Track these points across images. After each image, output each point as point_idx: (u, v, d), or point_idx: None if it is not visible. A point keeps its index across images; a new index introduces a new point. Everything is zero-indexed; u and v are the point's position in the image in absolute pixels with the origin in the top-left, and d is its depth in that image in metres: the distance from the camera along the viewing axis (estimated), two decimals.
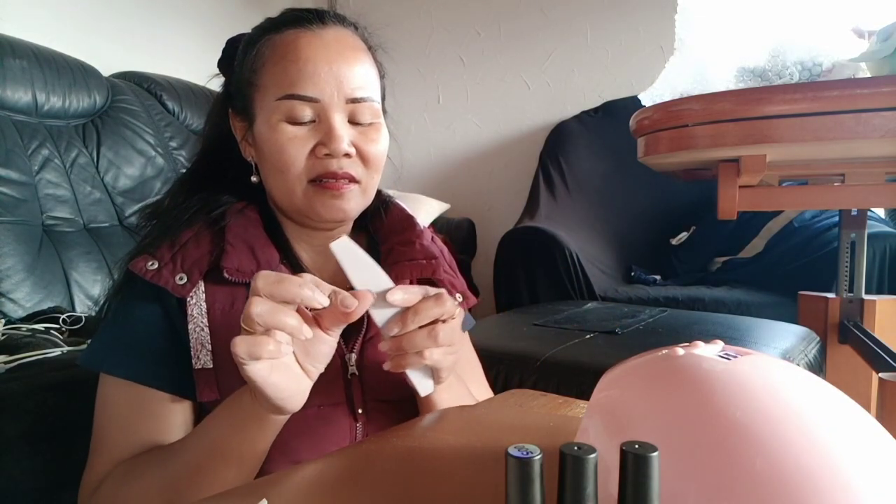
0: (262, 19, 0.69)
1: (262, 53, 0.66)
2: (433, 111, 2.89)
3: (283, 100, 0.63)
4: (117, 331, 0.64)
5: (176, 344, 0.63)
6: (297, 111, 0.63)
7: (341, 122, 0.64)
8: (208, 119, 0.76)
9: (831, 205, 1.57)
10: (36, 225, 1.43)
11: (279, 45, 0.65)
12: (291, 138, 0.64)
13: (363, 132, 0.66)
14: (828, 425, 0.34)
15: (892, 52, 0.97)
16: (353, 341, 0.68)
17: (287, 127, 0.64)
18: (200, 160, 0.74)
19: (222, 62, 0.74)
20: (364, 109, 0.66)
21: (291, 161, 0.64)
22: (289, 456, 0.62)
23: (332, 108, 0.64)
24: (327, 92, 0.63)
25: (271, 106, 0.64)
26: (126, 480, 0.59)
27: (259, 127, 0.66)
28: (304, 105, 0.63)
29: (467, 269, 2.46)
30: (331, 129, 0.63)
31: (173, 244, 0.64)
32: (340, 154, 0.64)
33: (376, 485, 0.47)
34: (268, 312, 0.47)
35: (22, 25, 1.71)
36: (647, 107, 1.13)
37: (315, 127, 0.64)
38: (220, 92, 0.75)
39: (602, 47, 2.57)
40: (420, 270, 0.71)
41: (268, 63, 0.65)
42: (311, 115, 0.64)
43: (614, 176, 2.42)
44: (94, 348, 0.66)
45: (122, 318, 0.64)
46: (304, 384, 0.53)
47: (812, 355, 1.32)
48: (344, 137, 0.64)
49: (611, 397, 0.41)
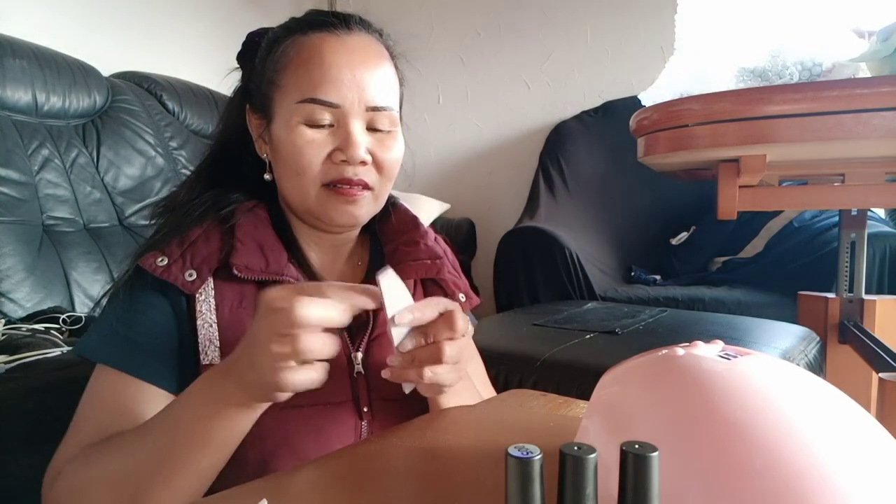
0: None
1: (286, 54, 0.66)
2: (433, 111, 2.89)
3: (304, 103, 0.64)
4: (117, 323, 0.64)
5: (176, 341, 0.63)
6: (317, 115, 0.64)
7: (360, 129, 0.65)
8: (224, 112, 0.77)
9: (831, 205, 1.57)
10: (36, 225, 1.43)
11: (304, 48, 0.65)
12: (310, 141, 0.64)
13: (380, 140, 0.67)
14: (828, 425, 0.34)
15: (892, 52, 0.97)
16: (359, 340, 0.68)
17: (306, 130, 0.64)
18: (215, 153, 0.75)
19: (242, 56, 0.74)
20: (383, 117, 0.66)
21: (308, 164, 0.64)
22: (294, 453, 0.62)
23: (352, 115, 0.64)
24: (349, 98, 0.64)
25: (292, 107, 0.64)
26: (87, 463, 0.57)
27: (277, 126, 0.66)
28: (325, 110, 0.64)
29: (467, 269, 2.46)
30: (349, 136, 0.64)
31: (183, 241, 0.64)
32: (357, 161, 0.64)
33: (377, 485, 0.47)
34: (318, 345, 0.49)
35: (22, 25, 1.71)
36: (647, 107, 1.13)
37: (333, 132, 0.65)
38: (239, 86, 0.75)
39: (602, 47, 2.57)
40: (425, 270, 0.71)
41: (291, 64, 0.65)
42: (330, 119, 0.64)
43: (614, 176, 2.42)
44: (91, 338, 0.66)
45: (123, 311, 0.64)
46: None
47: (812, 355, 1.32)
48: (361, 145, 0.64)
49: (611, 397, 0.41)
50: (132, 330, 0.63)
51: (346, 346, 0.67)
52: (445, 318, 0.55)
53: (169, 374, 0.62)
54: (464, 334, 0.56)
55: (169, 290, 0.63)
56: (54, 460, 0.61)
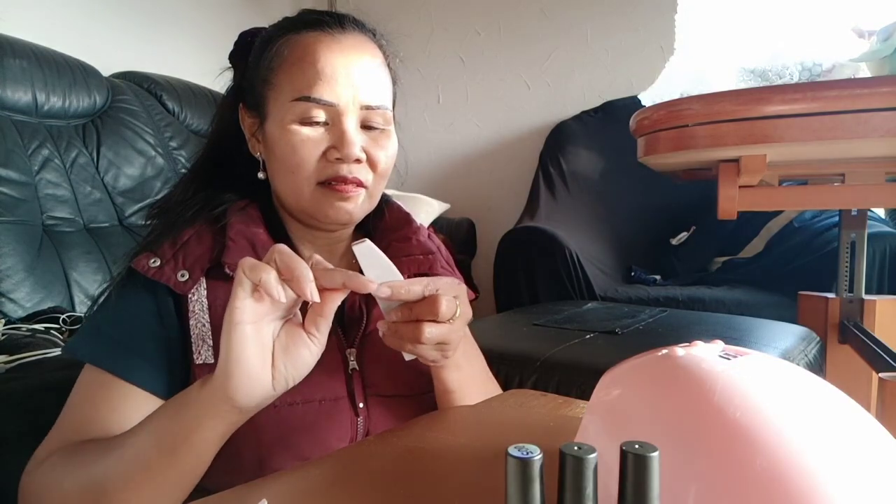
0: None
1: (279, 53, 0.66)
2: (433, 111, 2.89)
3: (298, 101, 0.64)
4: (106, 323, 0.64)
5: (167, 342, 0.63)
6: (311, 113, 0.64)
7: (354, 127, 0.65)
8: (217, 111, 0.77)
9: (831, 205, 1.57)
10: (36, 225, 1.43)
11: (298, 47, 0.65)
12: (304, 140, 0.64)
13: (374, 138, 0.67)
14: (827, 425, 0.34)
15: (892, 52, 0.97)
16: (353, 336, 0.69)
17: (300, 128, 0.64)
18: (208, 153, 0.75)
19: (235, 55, 0.74)
20: (377, 116, 0.67)
21: (302, 162, 0.64)
22: (291, 451, 0.62)
23: (347, 114, 0.65)
24: (343, 97, 0.64)
25: (286, 106, 0.64)
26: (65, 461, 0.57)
27: (271, 125, 0.67)
28: (319, 108, 0.64)
29: (467, 269, 2.46)
30: (344, 135, 0.64)
31: (175, 242, 0.64)
32: (352, 159, 0.65)
33: (376, 485, 0.47)
34: (255, 266, 0.48)
35: (22, 25, 1.71)
36: (647, 107, 1.12)
37: (327, 130, 0.65)
38: (231, 85, 0.75)
39: (602, 47, 2.57)
40: (418, 266, 0.72)
41: (285, 63, 0.65)
42: (324, 117, 0.65)
43: (614, 176, 2.42)
44: (80, 337, 0.66)
45: (113, 312, 0.64)
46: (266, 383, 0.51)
47: (812, 355, 1.32)
48: (356, 143, 0.65)
49: (611, 397, 0.41)
50: (120, 330, 0.63)
51: (341, 343, 0.68)
52: (428, 301, 0.55)
53: (156, 374, 0.62)
54: (450, 319, 0.56)
55: (161, 291, 0.63)
56: (36, 452, 0.61)
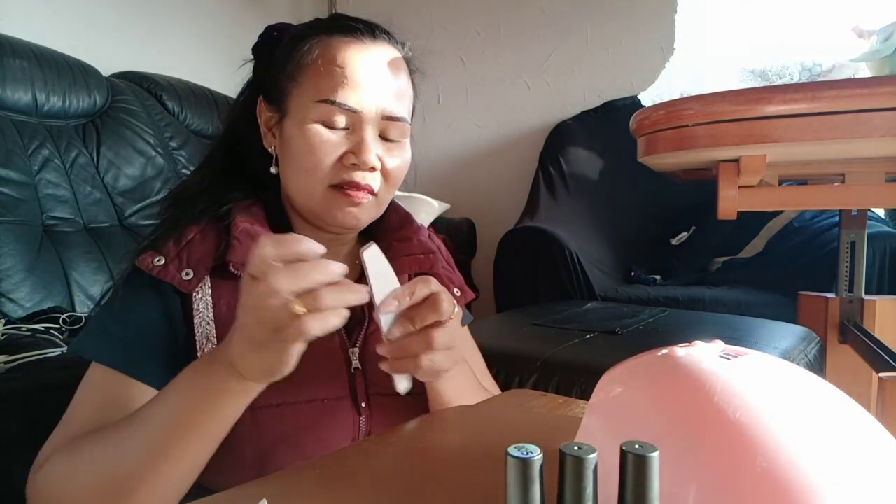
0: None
1: (309, 52, 0.67)
2: (433, 111, 2.89)
3: (322, 103, 0.64)
4: (111, 322, 0.64)
5: (172, 340, 0.63)
6: (333, 117, 0.64)
7: (373, 136, 0.66)
8: (236, 101, 0.77)
9: (831, 205, 1.57)
10: (36, 225, 1.43)
11: (328, 49, 0.66)
12: (323, 141, 0.65)
13: (389, 149, 0.68)
14: (827, 425, 0.34)
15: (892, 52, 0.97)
16: (355, 335, 0.69)
17: (320, 129, 0.65)
18: (222, 143, 0.75)
19: (259, 48, 0.74)
20: (396, 128, 0.67)
21: (318, 164, 0.65)
22: (293, 449, 0.62)
23: (368, 122, 0.65)
24: (366, 105, 0.65)
25: (308, 105, 0.65)
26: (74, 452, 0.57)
27: (290, 122, 0.67)
28: (342, 113, 0.64)
29: (467, 269, 2.46)
30: (363, 142, 0.65)
31: (179, 240, 0.64)
32: (368, 167, 0.65)
33: (376, 485, 0.47)
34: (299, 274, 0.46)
35: (22, 25, 1.71)
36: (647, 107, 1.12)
37: (347, 135, 0.66)
38: (252, 77, 0.75)
39: (602, 47, 2.57)
40: (418, 265, 0.72)
41: (314, 64, 0.66)
42: (345, 122, 0.65)
43: (614, 176, 2.42)
44: (85, 336, 0.66)
45: (119, 310, 0.64)
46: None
47: (812, 355, 1.32)
48: (374, 152, 0.65)
49: (611, 397, 0.41)
50: (126, 328, 0.63)
51: (343, 342, 0.68)
52: (430, 301, 0.55)
53: (161, 372, 0.62)
54: (451, 317, 0.56)
55: (165, 289, 0.63)
56: (42, 451, 0.61)
